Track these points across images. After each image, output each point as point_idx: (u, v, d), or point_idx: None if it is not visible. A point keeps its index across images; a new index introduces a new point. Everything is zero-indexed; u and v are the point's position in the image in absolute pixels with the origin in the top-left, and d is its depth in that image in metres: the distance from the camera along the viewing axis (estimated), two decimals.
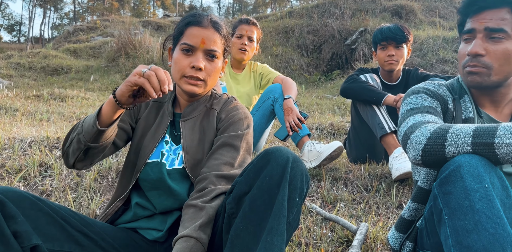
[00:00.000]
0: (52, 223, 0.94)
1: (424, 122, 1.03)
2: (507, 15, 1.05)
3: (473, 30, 1.08)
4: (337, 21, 8.45)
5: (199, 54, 1.11)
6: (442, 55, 5.53)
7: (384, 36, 2.14)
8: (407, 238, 1.18)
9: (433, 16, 8.50)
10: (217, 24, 1.15)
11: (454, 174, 0.87)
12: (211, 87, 1.20)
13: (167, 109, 1.22)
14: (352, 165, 2.18)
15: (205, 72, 1.13)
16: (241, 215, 0.87)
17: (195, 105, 1.21)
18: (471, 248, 0.79)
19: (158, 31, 11.06)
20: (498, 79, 1.07)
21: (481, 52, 1.05)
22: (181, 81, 1.13)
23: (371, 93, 2.06)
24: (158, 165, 1.15)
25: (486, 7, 1.07)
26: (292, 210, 0.88)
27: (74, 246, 0.95)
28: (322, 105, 4.72)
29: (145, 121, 1.22)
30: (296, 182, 0.88)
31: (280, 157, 0.88)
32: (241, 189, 0.90)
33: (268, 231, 0.82)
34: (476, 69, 1.06)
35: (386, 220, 1.63)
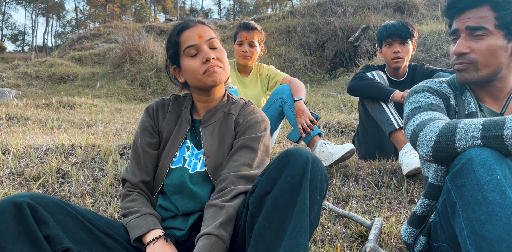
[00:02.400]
0: (80, 227, 0.97)
1: (431, 120, 1.06)
2: (487, 13, 1.09)
3: (456, 31, 1.14)
4: (339, 19, 8.46)
5: (204, 48, 1.16)
6: (446, 49, 5.52)
7: (389, 33, 2.15)
8: (420, 233, 1.21)
9: (435, 10, 8.48)
10: (203, 21, 1.23)
11: (466, 167, 0.89)
12: (227, 76, 1.23)
13: (185, 117, 1.26)
14: (362, 162, 2.20)
15: (219, 60, 1.17)
16: (264, 214, 0.90)
17: (213, 111, 1.24)
18: (486, 238, 0.82)
19: (161, 36, 11.12)
20: (487, 73, 1.11)
21: (465, 50, 1.10)
22: (205, 79, 1.16)
23: (379, 90, 2.08)
24: (181, 170, 1.19)
25: (465, 8, 1.12)
26: (313, 208, 0.91)
27: (101, 248, 0.98)
28: (328, 103, 4.74)
29: (166, 130, 1.26)
30: (316, 181, 0.91)
31: (300, 157, 0.91)
32: (263, 189, 0.93)
33: (292, 229, 0.85)
34: (463, 66, 1.11)
35: (399, 214, 1.65)
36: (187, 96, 1.30)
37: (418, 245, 1.21)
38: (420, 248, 1.21)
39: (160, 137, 1.26)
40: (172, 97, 1.31)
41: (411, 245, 1.24)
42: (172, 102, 1.29)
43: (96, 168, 2.07)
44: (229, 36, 8.84)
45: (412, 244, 1.23)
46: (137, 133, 1.26)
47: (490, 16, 1.09)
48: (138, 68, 7.56)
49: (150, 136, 1.25)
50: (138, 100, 6.65)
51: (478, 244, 0.83)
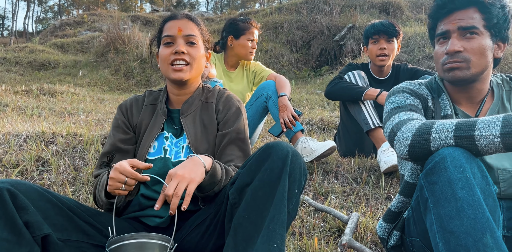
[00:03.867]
0: (60, 214, 0.98)
1: (409, 120, 1.10)
2: (475, 14, 1.14)
3: (447, 32, 1.16)
4: (326, 17, 8.52)
5: (179, 41, 1.21)
6: (428, 52, 5.65)
7: (376, 30, 2.20)
8: (394, 228, 1.26)
9: (419, 13, 8.63)
10: (191, 16, 1.26)
11: (439, 165, 0.94)
12: (197, 74, 1.27)
13: (161, 109, 1.28)
14: (342, 159, 2.26)
15: (189, 56, 1.21)
16: (243, 205, 0.92)
17: (191, 101, 1.28)
18: (453, 233, 0.87)
19: (147, 26, 10.96)
20: (476, 72, 1.15)
21: (459, 49, 1.12)
22: (169, 70, 1.21)
23: (351, 92, 2.15)
24: (163, 160, 1.21)
25: (455, 9, 1.15)
26: (291, 200, 0.94)
27: (81, 236, 0.99)
28: (312, 100, 4.80)
29: (143, 124, 1.29)
30: (295, 174, 0.94)
31: (280, 150, 0.94)
32: (243, 181, 0.95)
33: (270, 220, 0.88)
34: (456, 64, 1.13)
35: (376, 210, 1.71)
36: (161, 90, 1.33)
37: (391, 239, 1.26)
38: (394, 242, 1.26)
39: (136, 132, 1.29)
40: (146, 92, 1.35)
41: (385, 239, 1.29)
42: (147, 97, 1.33)
43: (77, 157, 2.06)
44: (216, 29, 8.79)
45: (386, 238, 1.28)
46: (110, 132, 1.29)
47: (478, 17, 1.14)
48: (123, 58, 7.44)
49: (123, 132, 1.27)
50: (122, 91, 6.57)
51: (446, 238, 0.88)
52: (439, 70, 1.21)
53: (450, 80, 1.18)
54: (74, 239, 0.98)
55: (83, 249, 0.99)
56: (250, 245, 0.87)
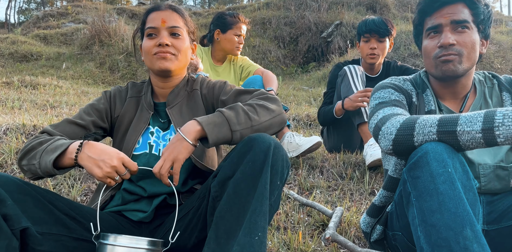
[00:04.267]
0: (40, 207, 0.96)
1: (393, 115, 1.11)
2: (464, 9, 1.16)
3: (439, 26, 1.17)
4: (314, 13, 8.53)
5: (163, 33, 1.18)
6: (413, 50, 5.72)
7: (368, 29, 2.19)
8: (377, 222, 1.28)
9: (405, 11, 8.72)
10: (175, 7, 1.23)
11: (422, 160, 0.95)
12: (183, 66, 1.25)
13: (146, 102, 1.25)
14: (328, 154, 2.27)
15: (174, 48, 1.18)
16: (225, 198, 0.92)
17: (176, 91, 1.25)
18: (435, 226, 0.88)
19: (133, 19, 10.79)
20: (467, 66, 1.16)
21: (453, 42, 1.13)
22: (153, 60, 1.18)
23: (329, 115, 2.25)
24: (147, 156, 1.19)
25: (446, 3, 1.16)
26: (273, 193, 0.94)
27: (62, 229, 0.97)
28: (299, 96, 4.81)
29: (126, 117, 1.25)
30: (277, 166, 0.94)
31: (262, 143, 0.94)
32: (225, 173, 0.95)
33: (252, 212, 0.88)
34: (451, 57, 1.14)
35: (359, 205, 1.73)
36: (145, 83, 1.30)
37: (375, 233, 1.28)
38: (377, 236, 1.28)
39: (114, 125, 1.26)
40: (130, 84, 1.31)
41: (368, 233, 1.31)
42: (130, 89, 1.30)
43: None
44: (203, 23, 8.72)
45: (370, 232, 1.30)
46: (86, 108, 1.23)
47: (467, 12, 1.15)
48: (108, 51, 7.31)
49: (101, 118, 1.23)
50: (107, 84, 6.46)
51: (427, 232, 0.89)
52: (430, 65, 1.20)
53: (441, 74, 1.18)
54: (54, 233, 0.96)
55: (63, 242, 0.97)
56: (231, 238, 0.87)
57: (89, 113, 1.22)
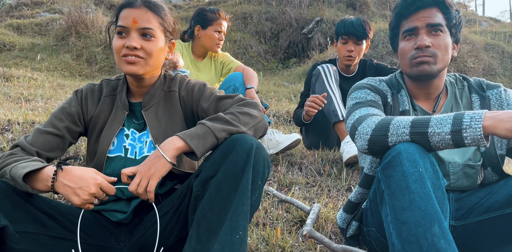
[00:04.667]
0: (17, 205, 0.95)
1: (369, 115, 1.15)
2: (438, 13, 1.21)
3: (415, 28, 1.22)
4: (295, 9, 8.55)
5: (133, 34, 1.10)
6: (391, 48, 5.84)
7: (346, 31, 2.23)
8: (353, 218, 1.32)
9: (384, 9, 8.86)
10: (150, 4, 1.14)
11: (395, 160, 1.00)
12: (155, 68, 1.18)
13: (121, 102, 1.21)
14: (307, 151, 2.32)
15: (144, 51, 1.11)
16: (207, 197, 0.93)
17: (152, 92, 1.21)
18: (406, 223, 0.93)
19: (111, 10, 10.53)
20: (440, 67, 1.22)
21: (429, 44, 1.19)
22: (121, 62, 1.12)
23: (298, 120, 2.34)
24: (123, 160, 1.16)
25: (422, 7, 1.21)
26: (254, 192, 0.96)
27: (39, 227, 0.97)
28: (279, 92, 4.84)
29: (100, 118, 1.21)
30: (259, 166, 0.96)
31: (245, 143, 0.96)
32: (208, 173, 0.96)
33: (233, 211, 0.90)
34: (426, 58, 1.19)
35: (336, 201, 1.78)
36: (120, 80, 1.25)
37: (350, 229, 1.33)
38: (352, 232, 1.32)
39: (89, 126, 1.21)
40: (104, 82, 1.25)
41: (344, 229, 1.35)
42: (105, 87, 1.24)
43: None
44: (184, 16, 8.60)
45: (345, 228, 1.35)
46: (57, 114, 1.17)
47: (441, 16, 1.21)
48: (85, 43, 7.14)
49: (73, 122, 1.18)
50: (84, 77, 6.32)
51: (399, 228, 0.94)
52: (406, 66, 1.25)
53: (416, 74, 1.23)
54: (30, 231, 0.95)
55: (40, 241, 0.96)
56: (213, 236, 0.88)
57: (61, 118, 1.16)
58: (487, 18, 11.40)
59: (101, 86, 1.25)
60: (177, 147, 0.98)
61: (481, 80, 1.32)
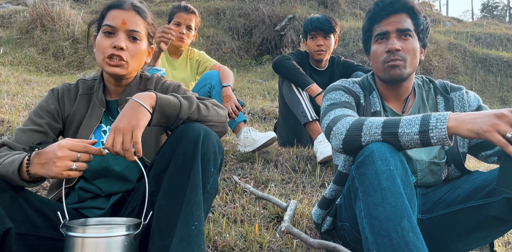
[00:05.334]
0: (14, 204, 0.94)
1: (344, 116, 1.21)
2: (407, 19, 1.29)
3: (386, 33, 1.29)
4: (268, 6, 8.59)
5: (120, 35, 1.13)
6: (361, 46, 6.00)
7: (313, 27, 2.32)
8: (327, 214, 1.38)
9: (355, 8, 9.06)
10: (139, 8, 1.19)
11: (368, 158, 1.06)
12: (135, 70, 1.22)
13: (97, 99, 1.22)
14: (282, 148, 2.37)
15: (128, 53, 1.14)
16: (162, 193, 0.94)
17: (129, 90, 1.23)
18: (378, 218, 0.99)
19: (78, 3, 10.19)
20: (410, 71, 1.29)
21: (399, 47, 1.26)
22: (104, 63, 1.14)
23: (300, 76, 2.26)
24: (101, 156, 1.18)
25: (392, 12, 1.29)
26: (208, 180, 0.97)
27: (29, 227, 0.96)
28: (253, 90, 4.88)
29: (76, 115, 1.22)
30: (209, 154, 0.96)
31: (191, 132, 0.95)
32: (159, 168, 0.97)
33: (187, 203, 0.91)
34: (397, 62, 1.26)
35: (311, 197, 1.84)
36: (96, 79, 1.27)
37: (325, 224, 1.39)
38: (327, 227, 1.39)
39: (65, 124, 1.22)
40: (80, 81, 1.27)
41: (319, 224, 1.41)
42: (81, 86, 1.26)
43: None
44: (155, 11, 8.45)
45: (320, 223, 1.41)
46: (36, 112, 1.18)
47: (410, 22, 1.28)
48: (51, 37, 6.88)
49: (54, 119, 1.19)
50: (51, 72, 6.11)
51: (371, 223, 1.00)
52: (378, 69, 1.32)
53: (388, 77, 1.29)
54: (22, 232, 0.95)
55: (29, 241, 0.96)
56: (173, 229, 0.89)
57: (41, 116, 1.17)
58: (450, 18, 11.89)
59: (77, 85, 1.27)
60: (152, 97, 0.97)
61: (445, 82, 1.41)
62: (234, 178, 1.93)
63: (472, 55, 6.85)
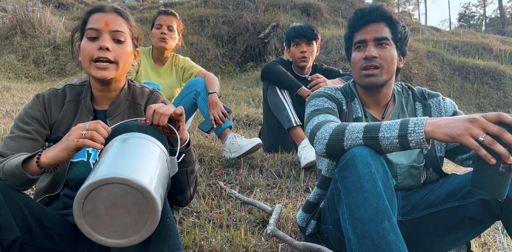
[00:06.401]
0: (18, 213, 0.92)
1: (327, 121, 1.25)
2: (386, 28, 1.35)
3: (364, 41, 1.34)
4: (251, 14, 8.69)
5: (105, 36, 1.13)
6: (344, 54, 6.12)
7: (297, 34, 2.39)
8: (311, 217, 1.41)
9: (337, 16, 9.25)
10: (120, 10, 1.19)
11: (350, 162, 1.09)
12: (123, 72, 1.20)
13: (85, 107, 1.21)
14: (267, 154, 2.40)
15: (114, 54, 1.13)
16: None
17: (117, 102, 1.23)
18: (360, 220, 1.02)
19: (59, 9, 10.09)
20: (386, 78, 1.34)
21: (375, 55, 1.31)
22: (91, 67, 1.13)
23: (291, 80, 2.33)
24: (85, 164, 1.16)
25: (371, 21, 1.34)
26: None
27: (27, 236, 0.95)
28: (238, 96, 4.91)
29: (63, 122, 1.20)
30: None
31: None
32: None
33: None
34: (372, 71, 1.31)
35: (296, 202, 1.87)
36: (84, 85, 1.25)
37: (309, 228, 1.42)
38: (311, 230, 1.41)
39: (53, 130, 1.20)
40: (67, 87, 1.25)
41: (303, 228, 1.44)
42: (69, 92, 1.24)
43: None
44: (139, 18, 8.44)
45: (305, 227, 1.43)
46: (22, 119, 1.16)
47: (388, 31, 1.34)
48: (32, 43, 6.78)
49: (41, 125, 1.17)
50: (31, 79, 6.01)
51: (354, 225, 1.03)
52: (356, 75, 1.37)
53: (365, 84, 1.35)
54: (21, 242, 0.92)
55: (24, 251, 0.94)
56: None
57: (27, 123, 1.15)
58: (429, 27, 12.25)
59: (64, 91, 1.24)
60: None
61: (423, 89, 1.47)
62: (219, 184, 1.94)
63: (450, 63, 7.07)
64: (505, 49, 8.36)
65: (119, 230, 0.76)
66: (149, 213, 0.76)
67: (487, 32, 18.07)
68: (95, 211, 0.75)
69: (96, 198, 0.75)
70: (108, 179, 0.74)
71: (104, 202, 0.75)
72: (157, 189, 0.78)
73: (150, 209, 0.75)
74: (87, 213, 0.75)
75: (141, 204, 0.75)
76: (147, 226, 0.76)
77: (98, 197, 0.75)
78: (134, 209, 0.75)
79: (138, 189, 0.74)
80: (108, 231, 0.76)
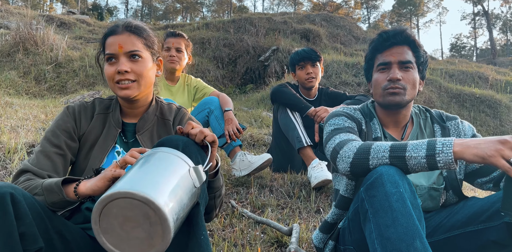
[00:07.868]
0: (41, 225, 0.91)
1: (349, 140, 1.26)
2: (409, 51, 1.37)
3: (389, 63, 1.37)
4: (252, 37, 8.89)
5: (122, 59, 1.16)
6: (344, 78, 6.23)
7: (301, 57, 2.47)
8: (329, 238, 1.39)
9: (335, 42, 9.49)
10: (132, 27, 1.20)
11: (377, 181, 1.09)
12: (147, 87, 1.23)
13: (114, 120, 1.24)
14: (276, 174, 2.39)
15: (134, 73, 1.17)
16: None
17: (146, 117, 1.26)
18: (390, 239, 1.01)
19: (62, 28, 10.23)
20: (408, 99, 1.36)
21: (400, 77, 1.33)
22: (115, 88, 1.18)
23: (300, 101, 2.37)
24: None
25: (395, 43, 1.37)
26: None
27: (48, 250, 0.93)
28: (240, 117, 4.93)
29: (92, 134, 1.22)
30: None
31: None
32: None
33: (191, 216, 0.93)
34: (397, 90, 1.33)
35: (307, 222, 1.85)
36: (113, 99, 1.29)
37: (327, 248, 1.39)
38: (329, 251, 1.39)
39: (81, 142, 1.21)
40: (96, 100, 1.28)
41: (321, 249, 1.41)
42: (98, 105, 1.27)
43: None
44: None
45: (322, 248, 1.41)
46: (54, 132, 1.18)
47: (411, 54, 1.37)
48: (33, 60, 6.83)
49: (70, 138, 1.19)
50: (31, 95, 6.00)
51: (383, 244, 1.02)
52: (378, 95, 1.38)
53: (388, 103, 1.36)
54: None
55: None
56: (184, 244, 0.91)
57: (58, 136, 1.16)
58: None
59: (93, 104, 1.27)
60: None
61: (441, 112, 1.50)
62: (232, 203, 1.92)
63: (447, 90, 7.22)
64: (500, 79, 8.58)
65: (137, 244, 0.75)
66: (160, 224, 0.74)
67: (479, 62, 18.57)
68: (112, 228, 0.75)
69: (108, 215, 0.75)
70: (113, 195, 0.74)
71: (117, 218, 0.75)
72: (169, 200, 0.77)
73: (159, 220, 0.74)
74: (105, 231, 0.75)
75: (150, 216, 0.74)
76: (161, 239, 0.75)
77: (109, 214, 0.75)
78: (145, 222, 0.75)
79: (142, 201, 0.73)
80: (128, 246, 0.75)
